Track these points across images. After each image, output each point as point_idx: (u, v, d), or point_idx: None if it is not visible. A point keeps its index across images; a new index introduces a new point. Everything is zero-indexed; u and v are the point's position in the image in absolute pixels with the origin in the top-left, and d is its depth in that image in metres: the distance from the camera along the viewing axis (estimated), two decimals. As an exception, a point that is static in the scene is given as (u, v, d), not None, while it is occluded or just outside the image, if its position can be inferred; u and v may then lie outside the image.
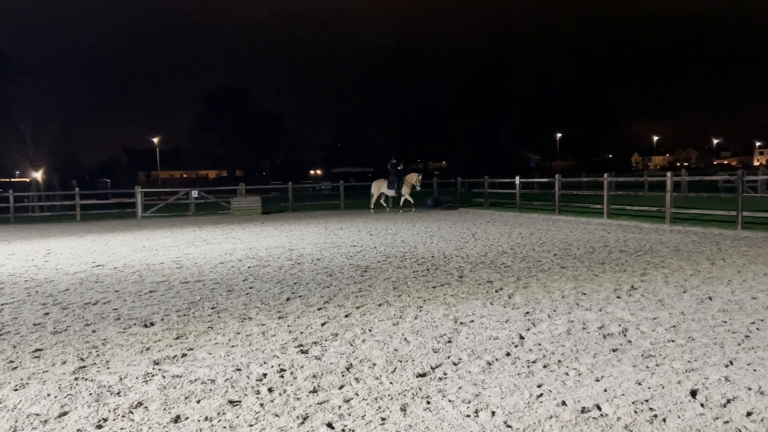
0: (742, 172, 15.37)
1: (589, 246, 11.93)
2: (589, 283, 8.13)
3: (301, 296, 7.80)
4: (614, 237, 13.37)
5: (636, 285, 7.87)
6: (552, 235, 14.25)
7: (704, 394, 4.04)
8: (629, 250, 11.13)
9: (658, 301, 6.89)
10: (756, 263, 9.28)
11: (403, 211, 24.76)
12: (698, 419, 3.66)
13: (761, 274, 8.39)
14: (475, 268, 9.68)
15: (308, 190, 54.45)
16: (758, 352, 4.94)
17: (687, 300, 6.92)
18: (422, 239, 14.11)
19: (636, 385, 4.26)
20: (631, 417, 3.72)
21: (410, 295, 7.63)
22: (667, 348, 5.12)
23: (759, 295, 7.07)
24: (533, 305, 6.88)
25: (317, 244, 13.82)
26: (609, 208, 18.63)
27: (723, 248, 11.05)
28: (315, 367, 4.88)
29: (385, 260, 10.83)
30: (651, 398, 4.01)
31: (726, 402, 3.91)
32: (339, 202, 28.72)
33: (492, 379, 4.51)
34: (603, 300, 7.05)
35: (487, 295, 7.51)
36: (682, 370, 4.54)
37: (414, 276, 9.08)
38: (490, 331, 5.83)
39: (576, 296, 7.30)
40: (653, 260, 9.89)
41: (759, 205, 19.72)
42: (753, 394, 4.03)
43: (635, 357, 4.89)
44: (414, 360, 5.01)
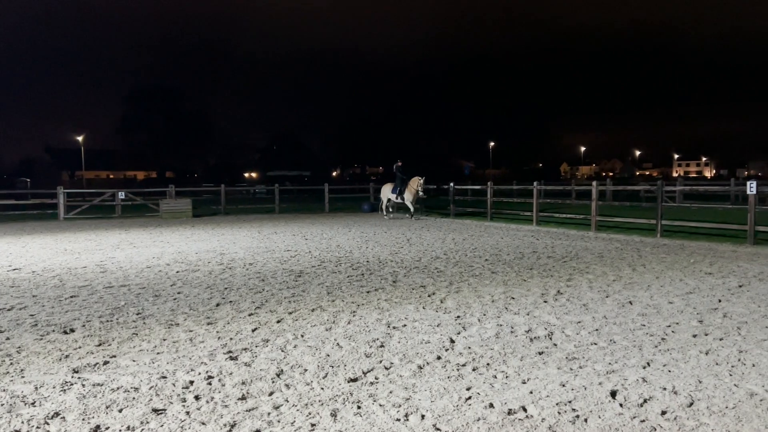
0: (662, 182, 16.19)
1: (519, 252, 12.27)
2: (518, 287, 8.35)
3: (231, 302, 7.63)
4: (543, 243, 13.80)
5: (562, 290, 8.14)
6: (484, 240, 14.56)
7: (623, 395, 4.22)
8: (556, 256, 11.51)
9: (583, 306, 7.15)
10: (673, 269, 9.79)
11: (414, 218, 22.63)
12: (617, 419, 3.82)
13: (677, 279, 8.85)
14: (409, 272, 9.76)
15: (242, 193, 53.49)
16: (673, 353, 5.21)
17: (609, 304, 7.22)
18: (358, 244, 14.11)
19: (560, 386, 4.40)
20: (555, 418, 3.84)
21: (344, 300, 7.61)
22: (590, 350, 5.32)
23: (675, 299, 7.45)
24: (464, 309, 7.00)
25: (250, 248, 13.59)
26: (538, 216, 19.22)
27: (643, 255, 11.60)
28: (244, 374, 4.79)
29: (320, 265, 10.77)
30: (574, 399, 4.15)
31: (643, 402, 4.09)
32: (274, 206, 28.35)
33: (423, 382, 4.55)
34: (531, 304, 7.25)
35: (420, 300, 7.58)
36: (603, 371, 4.73)
37: (348, 281, 9.06)
38: (422, 335, 5.88)
39: (505, 300, 7.48)
40: (579, 266, 10.26)
41: (677, 214, 20.85)
42: (668, 393, 4.24)
43: (560, 359, 5.05)
44: (346, 365, 4.99)
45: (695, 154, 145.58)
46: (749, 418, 3.79)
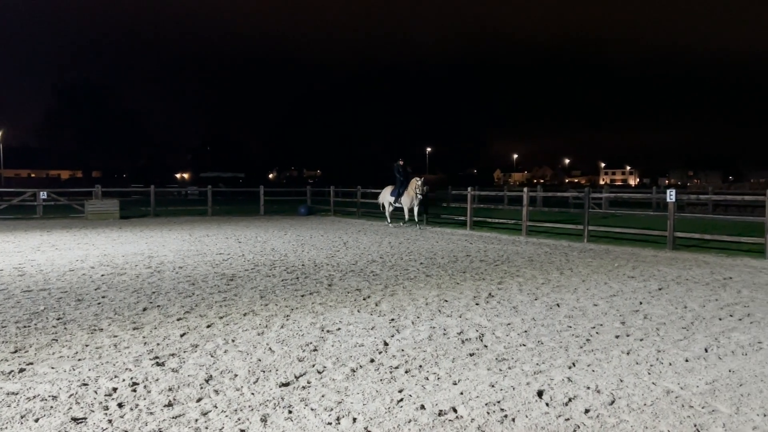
0: (588, 190, 16.85)
1: (453, 255, 12.46)
2: (452, 290, 8.47)
3: (159, 306, 7.39)
4: (476, 247, 14.07)
5: (493, 293, 8.32)
6: (419, 244, 14.71)
7: (549, 394, 4.35)
8: (489, 260, 11.76)
9: (513, 308, 7.33)
10: (598, 273, 10.19)
11: (420, 228, 19.55)
12: (543, 418, 3.93)
13: (602, 283, 9.22)
14: (345, 276, 9.74)
15: (173, 194, 51.92)
16: (597, 354, 5.41)
17: (538, 307, 7.43)
18: (293, 247, 13.96)
19: (490, 387, 4.49)
20: (484, 418, 3.91)
21: (278, 304, 7.51)
22: (519, 352, 5.46)
23: (600, 302, 7.75)
24: (399, 312, 7.04)
25: (180, 251, 13.20)
26: (472, 220, 19.59)
27: (571, 259, 12.01)
28: (171, 380, 4.64)
29: (254, 268, 10.58)
30: (502, 399, 4.24)
31: (568, 401, 4.23)
32: (207, 208, 27.67)
33: (355, 386, 4.54)
34: (463, 307, 7.38)
35: (355, 303, 7.57)
36: (531, 372, 4.86)
37: (283, 284, 8.94)
38: (356, 339, 5.88)
39: (439, 303, 7.57)
40: (510, 269, 10.52)
41: (603, 220, 21.71)
42: (591, 392, 4.40)
43: (490, 361, 5.16)
44: (278, 369, 4.92)
45: (621, 163, 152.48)
46: (665, 415, 3.98)
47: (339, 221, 23.79)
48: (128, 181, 79.00)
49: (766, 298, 7.95)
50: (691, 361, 5.18)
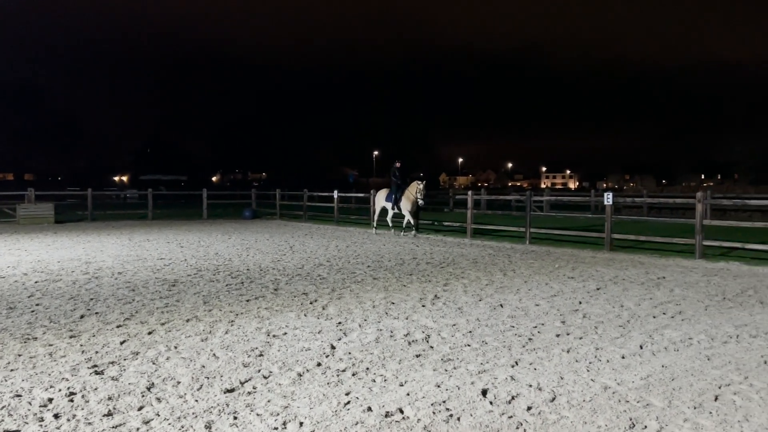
0: (530, 193, 17.29)
1: (400, 258, 12.55)
2: (398, 293, 8.53)
3: (98, 313, 7.15)
4: (422, 250, 14.22)
5: (439, 294, 8.43)
6: (367, 247, 14.74)
7: (493, 393, 4.45)
8: (435, 262, 11.90)
9: (458, 309, 7.45)
10: (540, 274, 10.46)
11: (404, 234, 18.21)
12: (487, 416, 4.01)
13: (543, 283, 9.47)
14: (292, 280, 9.66)
15: (112, 197, 50.21)
16: (539, 352, 5.56)
17: (482, 307, 7.57)
18: (238, 252, 13.75)
19: (435, 387, 4.55)
20: (430, 418, 3.96)
21: (222, 310, 7.38)
22: (464, 352, 5.55)
23: (541, 302, 7.96)
24: (346, 315, 7.04)
25: (119, 256, 12.80)
26: (418, 223, 19.76)
27: (513, 260, 12.29)
28: (111, 389, 4.49)
29: (197, 273, 10.37)
30: (448, 399, 4.31)
31: (511, 399, 4.33)
32: (147, 212, 26.89)
33: (302, 390, 4.51)
34: (410, 309, 7.44)
35: (302, 307, 7.53)
36: (475, 371, 4.95)
37: (227, 289, 8.80)
38: (302, 343, 5.84)
39: (386, 306, 7.61)
40: (455, 271, 10.68)
41: (544, 222, 22.31)
42: (533, 390, 4.52)
43: (436, 361, 5.23)
44: (222, 375, 4.84)
45: (561, 167, 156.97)
46: (603, 410, 4.13)
47: (285, 225, 23.58)
48: (64, 184, 75.90)
49: (696, 296, 8.35)
50: (627, 357, 5.39)
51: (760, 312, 7.31)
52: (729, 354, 5.51)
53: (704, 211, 13.09)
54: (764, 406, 4.20)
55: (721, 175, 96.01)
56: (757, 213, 23.72)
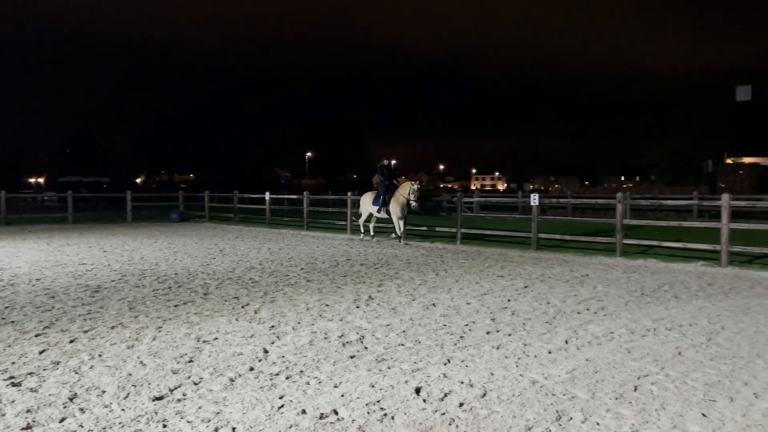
0: (461, 194, 17.63)
1: (334, 260, 12.52)
2: (332, 294, 8.51)
3: (13, 322, 6.76)
4: (356, 251, 14.23)
5: (373, 295, 8.47)
6: (300, 250, 14.62)
7: (426, 391, 4.51)
8: (369, 263, 11.94)
9: (392, 309, 7.51)
10: (470, 273, 10.69)
11: (404, 243, 16.12)
12: (421, 413, 4.07)
13: (474, 282, 9.68)
14: (222, 284, 9.46)
15: (28, 200, 47.51)
16: (470, 350, 5.68)
17: (415, 307, 7.67)
18: (165, 256, 13.32)
19: (370, 387, 4.57)
20: (365, 418, 3.98)
21: (149, 316, 7.14)
22: (398, 351, 5.60)
23: (472, 300, 8.14)
24: (279, 319, 6.96)
25: (37, 262, 12.14)
26: (353, 225, 19.79)
27: (445, 261, 12.50)
28: (30, 401, 4.26)
29: (121, 279, 9.97)
30: (382, 399, 4.34)
31: (443, 396, 4.41)
32: (67, 215, 25.62)
33: (234, 395, 4.43)
34: (344, 310, 7.44)
35: (233, 312, 7.38)
36: (409, 370, 5.01)
37: (154, 295, 8.51)
38: (234, 348, 5.73)
39: (320, 308, 7.58)
40: (389, 272, 10.76)
41: (474, 222, 22.80)
42: (465, 387, 4.61)
43: (370, 362, 5.25)
44: (150, 383, 4.69)
45: (491, 169, 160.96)
46: (531, 404, 4.27)
47: (215, 227, 23.05)
48: (-27, 186, 71.08)
49: (617, 292, 8.76)
50: (554, 352, 5.59)
51: (675, 306, 7.75)
52: (647, 346, 5.81)
53: (624, 212, 13.73)
54: (679, 394, 4.46)
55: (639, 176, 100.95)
56: (672, 212, 25.14)
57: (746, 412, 4.10)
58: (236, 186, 29.54)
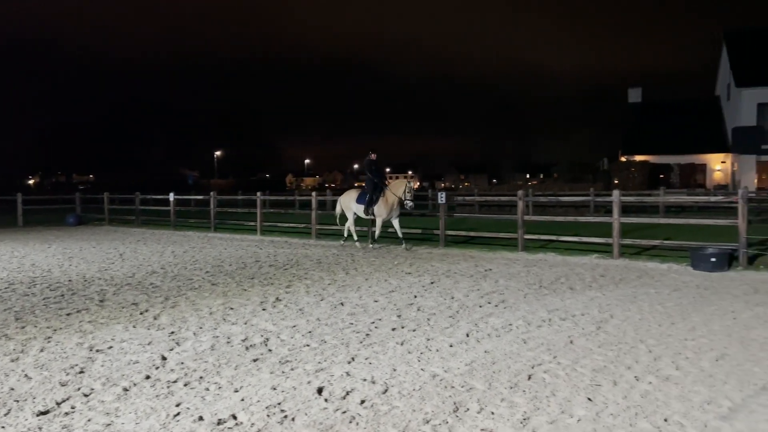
0: (371, 193, 17.72)
1: (242, 262, 12.26)
2: (238, 297, 8.33)
3: None
4: (266, 252, 14.01)
5: (281, 296, 8.37)
6: (206, 252, 14.21)
7: (329, 390, 4.51)
8: (278, 264, 11.79)
9: (299, 310, 7.45)
10: (380, 271, 10.79)
11: (373, 246, 14.82)
12: (322, 413, 4.06)
13: (383, 280, 9.78)
14: (120, 290, 9.03)
15: None
16: (375, 347, 5.74)
17: (323, 307, 7.65)
18: (59, 262, 12.55)
19: (271, 390, 4.52)
20: (264, 421, 3.93)
21: (37, 326, 6.70)
22: (303, 352, 5.57)
23: (380, 298, 8.22)
24: (180, 324, 6.73)
25: None
26: (262, 225, 19.46)
27: (356, 259, 12.55)
28: None
29: (8, 287, 9.30)
30: (283, 401, 4.29)
31: (346, 394, 4.43)
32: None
33: (128, 405, 4.24)
34: (249, 313, 7.30)
35: (131, 318, 7.06)
36: (312, 370, 4.99)
37: (44, 303, 8.00)
38: (130, 356, 5.49)
39: (224, 312, 7.40)
40: (298, 273, 10.67)
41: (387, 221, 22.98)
42: (367, 384, 4.65)
43: (273, 364, 5.18)
44: (35, 397, 4.40)
45: (404, 168, 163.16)
46: (431, 397, 4.37)
47: (115, 231, 21.96)
48: None
49: (517, 285, 9.12)
50: (455, 345, 5.75)
51: (570, 297, 8.17)
52: (542, 336, 6.09)
53: (525, 208, 14.32)
54: (568, 381, 4.71)
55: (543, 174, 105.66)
56: (571, 208, 26.49)
57: (627, 394, 4.40)
58: (139, 187, 28.23)
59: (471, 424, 3.89)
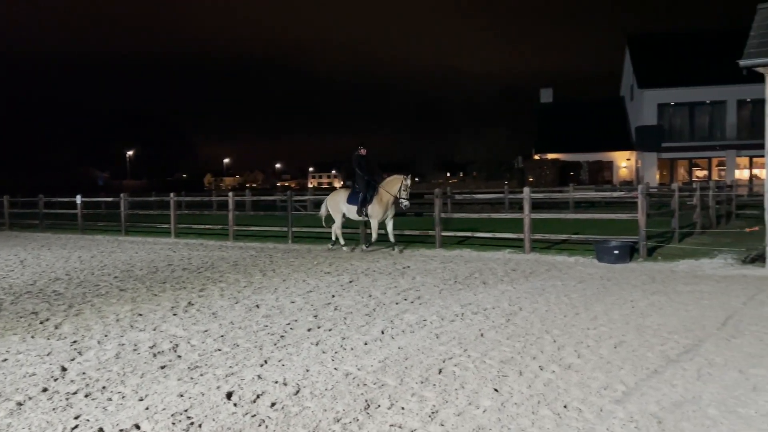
0: (291, 193, 17.60)
1: (153, 266, 11.82)
2: (148, 303, 8.03)
3: None
4: (179, 255, 13.58)
5: (194, 301, 8.14)
6: (116, 257, 13.60)
7: (239, 394, 4.43)
8: (192, 268, 11.45)
9: (212, 314, 7.27)
10: (299, 272, 10.70)
11: (367, 249, 13.72)
12: (230, 418, 3.98)
13: (301, 280, 9.71)
14: (19, 299, 8.49)
15: None
16: (289, 348, 5.69)
17: (238, 310, 7.50)
18: (-50, 270, 11.64)
19: (178, 397, 4.38)
20: (169, 429, 3.81)
21: None
22: (214, 357, 5.44)
23: (297, 299, 8.15)
24: (83, 333, 6.41)
25: None
26: (177, 228, 18.84)
27: (275, 260, 12.39)
28: None
29: None
30: (190, 407, 4.18)
31: (256, 398, 4.36)
32: None
33: (21, 420, 4.00)
34: (159, 319, 7.06)
35: (29, 329, 6.66)
36: (223, 375, 4.88)
37: (-70, 316, 7.40)
38: (26, 368, 5.18)
39: (132, 318, 7.11)
40: (213, 276, 10.41)
41: (307, 221, 22.82)
42: (278, 386, 4.60)
43: (182, 371, 5.03)
44: None
45: (328, 167, 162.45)
46: (343, 396, 4.38)
47: (17, 236, 20.64)
48: None
49: (433, 281, 9.30)
50: (370, 343, 5.79)
51: (482, 291, 8.41)
52: (454, 331, 6.24)
53: (442, 206, 14.61)
54: (477, 373, 4.85)
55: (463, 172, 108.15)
56: (488, 205, 27.28)
57: (531, 384, 4.58)
58: (44, 189, 26.59)
59: (381, 420, 3.93)
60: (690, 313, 6.81)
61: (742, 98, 35.54)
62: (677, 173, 38.59)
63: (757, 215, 17.91)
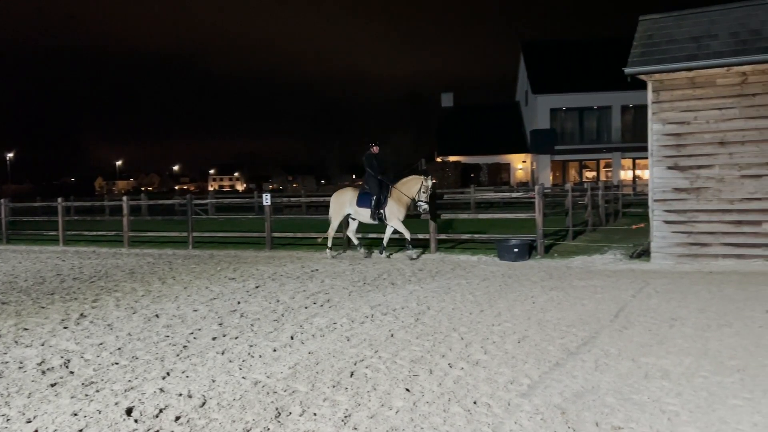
0: (191, 196, 16.95)
1: (40, 276, 10.97)
2: (34, 316, 7.42)
3: None
4: (69, 264, 12.69)
5: (86, 312, 7.61)
6: (-4, 267, 12.50)
7: (139, 410, 4.17)
8: (83, 277, 10.73)
9: (108, 326, 6.83)
10: (201, 278, 10.29)
11: (386, 255, 12.56)
12: (131, 436, 3.74)
13: (204, 287, 9.34)
14: None
15: None
16: (193, 359, 5.44)
17: (136, 320, 7.09)
18: None
19: (72, 416, 4.07)
20: (61, 453, 3.52)
21: None
22: (110, 371, 5.10)
23: (200, 307, 7.83)
24: (-42, 352, 5.82)
25: None
26: (65, 235, 17.62)
27: (174, 267, 11.86)
28: None
29: None
30: (86, 426, 3.89)
31: (159, 412, 4.13)
32: None
33: None
34: (48, 333, 6.54)
35: None
36: (121, 390, 4.58)
37: None
38: None
39: (16, 333, 6.54)
40: (107, 285, 9.80)
41: (208, 225, 22.09)
42: (183, 399, 4.38)
43: (75, 387, 4.68)
44: None
45: (230, 169, 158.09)
46: (252, 405, 4.24)
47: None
48: None
49: (342, 284, 9.25)
50: (279, 350, 5.66)
51: (391, 292, 8.46)
52: (365, 332, 6.23)
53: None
54: (388, 374, 4.86)
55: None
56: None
57: (442, 382, 4.64)
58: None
59: (293, 427, 3.84)
60: (586, 307, 7.19)
61: (625, 104, 38.29)
62: (569, 174, 40.92)
63: (641, 213, 19.34)
